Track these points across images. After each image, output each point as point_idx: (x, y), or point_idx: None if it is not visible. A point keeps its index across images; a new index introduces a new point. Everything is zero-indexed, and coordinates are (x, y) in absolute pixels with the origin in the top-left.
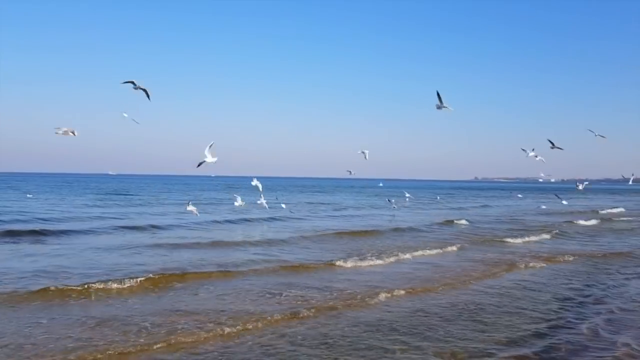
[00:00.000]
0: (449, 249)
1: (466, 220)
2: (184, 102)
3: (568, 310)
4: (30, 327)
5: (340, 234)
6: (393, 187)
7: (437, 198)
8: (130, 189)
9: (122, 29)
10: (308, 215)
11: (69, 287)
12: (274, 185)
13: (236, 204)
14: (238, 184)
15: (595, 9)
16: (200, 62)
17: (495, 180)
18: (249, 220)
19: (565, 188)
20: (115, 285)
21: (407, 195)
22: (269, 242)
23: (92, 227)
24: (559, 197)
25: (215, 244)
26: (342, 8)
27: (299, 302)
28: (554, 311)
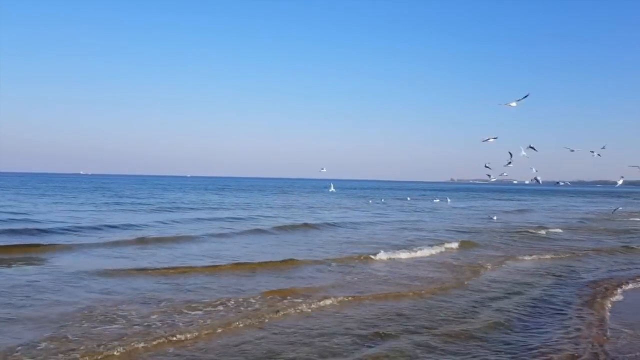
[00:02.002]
0: None
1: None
2: (167, 102)
3: None
4: None
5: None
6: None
7: (447, 200)
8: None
9: (118, 29)
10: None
11: None
12: (247, 186)
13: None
14: (218, 184)
15: (588, 11)
16: (179, 62)
17: (471, 181)
18: None
19: (545, 190)
20: None
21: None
22: None
23: None
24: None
25: None
26: (337, 9)
27: None
28: None
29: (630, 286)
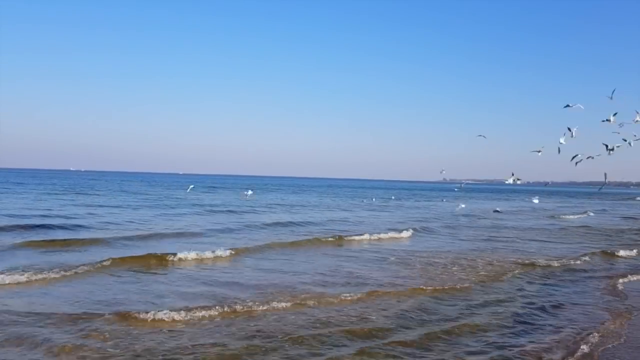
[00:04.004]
0: None
1: None
2: (159, 100)
3: None
4: None
5: None
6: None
7: (442, 200)
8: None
9: (111, 27)
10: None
11: None
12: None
13: None
14: (212, 183)
15: (588, 11)
16: (171, 60)
17: (464, 182)
18: None
19: (534, 190)
20: None
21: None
22: None
23: None
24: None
25: None
26: (334, 8)
27: None
28: None
29: None
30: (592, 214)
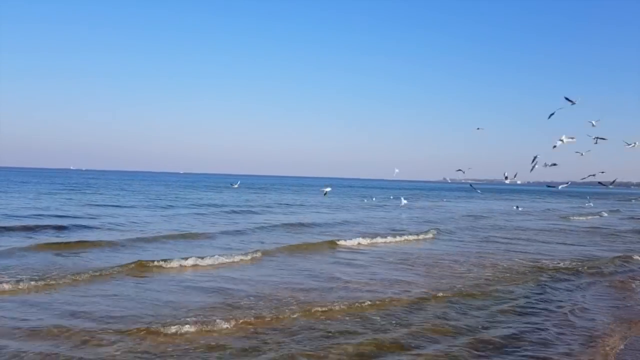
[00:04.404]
0: None
1: None
2: (160, 99)
3: None
4: None
5: None
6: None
7: (443, 200)
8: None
9: (114, 26)
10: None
11: None
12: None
13: None
14: (216, 181)
15: (587, 11)
16: (173, 60)
17: (463, 181)
18: None
19: (535, 190)
20: None
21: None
22: None
23: None
24: None
25: None
26: (333, 8)
27: None
28: None
29: None
30: (605, 214)
